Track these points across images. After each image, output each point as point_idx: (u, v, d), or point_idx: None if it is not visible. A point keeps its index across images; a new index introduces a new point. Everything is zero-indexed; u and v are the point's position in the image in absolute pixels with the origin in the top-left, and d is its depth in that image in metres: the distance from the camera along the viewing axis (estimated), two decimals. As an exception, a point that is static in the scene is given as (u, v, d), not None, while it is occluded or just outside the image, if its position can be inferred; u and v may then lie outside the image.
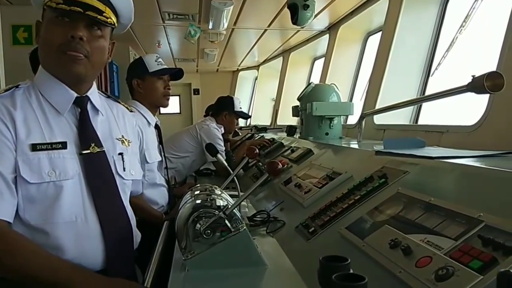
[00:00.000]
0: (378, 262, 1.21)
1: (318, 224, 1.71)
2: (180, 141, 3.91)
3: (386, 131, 3.45)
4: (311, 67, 6.65)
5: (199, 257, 1.47)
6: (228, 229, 1.49)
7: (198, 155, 3.89)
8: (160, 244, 2.07)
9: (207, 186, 1.80)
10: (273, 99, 7.71)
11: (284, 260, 1.59)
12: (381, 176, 1.76)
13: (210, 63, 7.74)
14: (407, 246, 1.14)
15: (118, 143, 1.67)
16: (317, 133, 3.40)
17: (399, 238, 1.21)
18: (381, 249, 1.24)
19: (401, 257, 1.15)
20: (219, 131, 3.92)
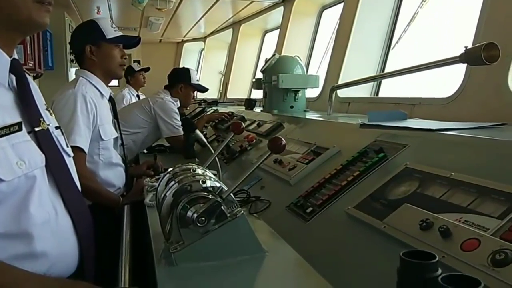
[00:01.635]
0: (410, 245, 1.07)
1: (315, 203, 1.57)
2: (130, 116, 3.49)
3: (351, 104, 3.35)
4: (262, 40, 6.45)
5: (190, 248, 1.28)
6: (224, 214, 1.30)
7: (152, 131, 3.54)
8: (127, 233, 1.86)
9: (190, 165, 1.59)
10: (221, 72, 7.46)
11: (283, 244, 1.43)
12: (377, 151, 1.63)
13: (154, 33, 7.30)
14: (446, 228, 1.01)
15: (48, 113, 1.34)
16: (281, 106, 3.25)
17: (431, 219, 1.08)
18: (410, 231, 1.11)
19: (439, 239, 1.02)
20: (175, 104, 3.57)
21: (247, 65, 6.38)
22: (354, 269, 1.19)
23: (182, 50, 9.17)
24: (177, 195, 1.33)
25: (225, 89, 6.61)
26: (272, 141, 1.38)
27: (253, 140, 2.75)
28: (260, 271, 1.30)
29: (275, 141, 1.37)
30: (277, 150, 1.38)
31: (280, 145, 1.37)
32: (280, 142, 1.36)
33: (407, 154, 1.52)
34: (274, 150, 1.37)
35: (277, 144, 1.37)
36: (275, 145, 1.37)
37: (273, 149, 1.37)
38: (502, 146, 1.30)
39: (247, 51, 6.50)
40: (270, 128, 2.78)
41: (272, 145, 1.37)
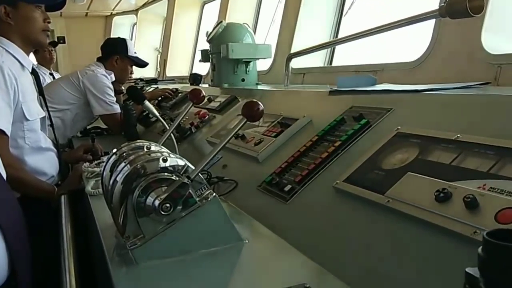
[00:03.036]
0: (428, 222, 0.89)
1: (293, 180, 1.36)
2: (56, 90, 3.07)
3: (306, 75, 3.17)
4: (201, 12, 6.10)
5: (153, 242, 1.04)
6: (193, 199, 1.07)
7: (82, 109, 3.11)
8: (67, 228, 1.58)
9: (141, 142, 1.33)
10: (157, 49, 7.03)
11: (262, 229, 1.22)
12: (357, 117, 1.45)
13: (79, 4, 6.63)
14: (473, 198, 0.83)
15: None
16: (232, 80, 3.00)
17: (448, 188, 0.90)
18: (423, 203, 0.92)
19: (464, 212, 0.84)
20: (108, 78, 3.16)
21: (186, 40, 6.03)
22: (356, 253, 1.00)
23: (111, 24, 8.43)
24: (130, 179, 1.08)
25: (163, 66, 6.23)
26: (247, 106, 1.15)
27: (205, 116, 2.51)
28: (241, 263, 1.08)
29: (251, 106, 1.14)
30: (253, 117, 1.15)
31: (258, 110, 1.14)
32: (257, 106, 1.14)
33: (394, 119, 1.35)
34: (250, 116, 1.14)
35: (254, 110, 1.14)
36: (251, 110, 1.14)
37: (248, 115, 1.14)
38: (507, 102, 1.15)
39: (185, 24, 6.13)
40: (224, 102, 2.54)
41: (247, 111, 1.14)
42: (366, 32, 2.02)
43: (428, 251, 0.87)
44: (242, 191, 1.55)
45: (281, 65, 3.35)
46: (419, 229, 0.91)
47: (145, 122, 3.24)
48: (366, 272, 0.94)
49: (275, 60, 3.44)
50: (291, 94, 2.27)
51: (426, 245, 0.88)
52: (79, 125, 3.23)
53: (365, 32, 2.01)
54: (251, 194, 1.48)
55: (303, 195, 1.29)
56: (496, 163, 0.91)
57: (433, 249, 0.87)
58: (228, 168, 1.75)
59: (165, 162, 1.09)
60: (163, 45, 6.59)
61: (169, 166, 1.10)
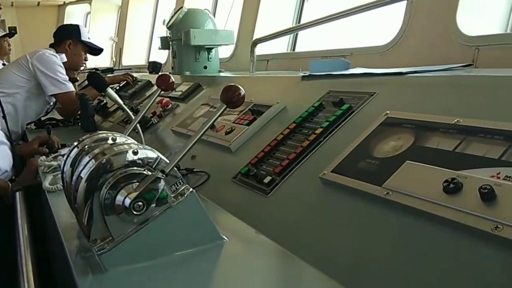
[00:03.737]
0: (437, 216, 0.80)
1: (272, 171, 1.25)
2: (5, 74, 2.92)
3: (270, 61, 3.06)
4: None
5: (124, 245, 0.91)
6: (168, 195, 0.95)
7: (32, 92, 2.92)
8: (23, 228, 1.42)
9: (105, 134, 1.19)
10: (112, 39, 6.76)
11: (242, 226, 1.10)
12: (337, 103, 1.35)
13: None
14: (490, 189, 0.75)
15: None
16: (194, 67, 2.87)
17: (458, 178, 0.82)
18: (429, 195, 0.83)
19: (479, 204, 0.75)
20: (58, 58, 2.96)
21: (142, 28, 5.80)
22: (352, 251, 0.91)
23: (64, 14, 8.14)
24: (96, 175, 0.94)
25: (119, 55, 5.98)
26: (228, 91, 1.02)
27: (168, 105, 2.36)
28: (222, 265, 0.97)
29: (231, 90, 1.02)
30: (234, 103, 1.02)
31: (240, 95, 1.02)
32: (238, 91, 1.01)
33: (380, 103, 1.26)
34: (231, 103, 1.02)
35: (235, 95, 1.01)
36: (233, 96, 1.01)
37: (229, 101, 1.02)
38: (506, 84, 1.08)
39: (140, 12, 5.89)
40: (187, 90, 2.40)
41: (228, 97, 1.02)
42: (335, 16, 1.94)
43: (439, 249, 0.78)
44: (215, 183, 1.43)
45: (243, 51, 3.24)
46: (427, 224, 0.82)
47: (103, 112, 3.05)
48: (365, 274, 0.85)
49: (238, 47, 3.32)
50: (260, 80, 2.16)
51: (436, 242, 0.79)
52: (32, 110, 3.03)
53: (334, 16, 1.93)
54: (225, 187, 1.36)
55: (285, 187, 1.18)
56: (508, 149, 0.83)
57: (445, 246, 0.78)
58: (198, 159, 1.63)
59: (135, 154, 0.96)
60: (118, 33, 6.34)
61: (139, 159, 0.97)
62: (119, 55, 6.04)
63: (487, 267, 0.71)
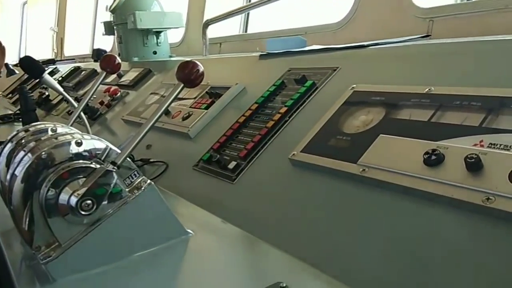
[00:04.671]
0: (420, 191, 0.74)
1: (237, 155, 1.17)
2: None
3: (222, 44, 2.95)
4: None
5: (73, 251, 0.80)
6: (121, 190, 0.84)
7: None
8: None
9: (43, 124, 1.07)
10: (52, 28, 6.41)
11: (207, 217, 1.01)
12: (299, 80, 1.28)
13: None
14: (476, 158, 0.68)
15: None
16: (142, 53, 2.72)
17: (439, 149, 0.76)
18: (410, 170, 0.77)
19: (464, 175, 0.70)
20: None
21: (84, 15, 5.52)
22: (332, 235, 0.84)
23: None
24: (35, 172, 0.82)
25: (61, 46, 5.68)
26: (184, 67, 0.91)
27: (117, 93, 2.22)
28: (190, 262, 0.87)
29: (188, 67, 0.91)
30: (193, 81, 0.92)
31: (198, 72, 0.91)
32: (196, 67, 0.91)
33: (344, 77, 1.19)
34: (189, 81, 0.92)
35: (193, 72, 0.91)
36: (190, 73, 0.91)
37: (186, 79, 0.91)
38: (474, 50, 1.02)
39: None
40: (137, 76, 2.26)
41: (184, 74, 0.91)
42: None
43: (425, 226, 0.72)
44: (175, 173, 1.33)
45: (194, 35, 3.12)
46: (409, 200, 0.76)
47: (45, 105, 2.86)
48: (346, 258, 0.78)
49: (188, 30, 3.18)
50: (216, 61, 2.05)
51: (421, 218, 0.73)
52: None
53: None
54: (186, 176, 1.26)
55: (252, 172, 1.10)
56: (488, 116, 0.77)
57: (431, 222, 0.72)
58: (153, 148, 1.52)
59: (79, 146, 0.85)
60: (59, 23, 6.01)
61: (85, 151, 0.86)
62: (60, 46, 5.73)
63: (480, 243, 0.65)
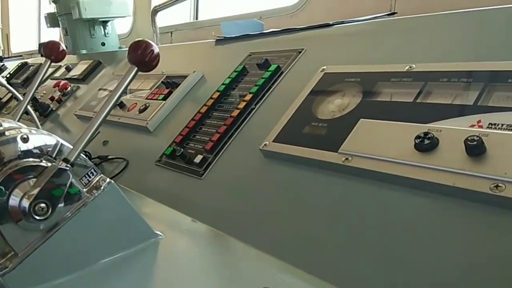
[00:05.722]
0: (414, 179, 0.68)
1: (203, 148, 1.08)
2: None
3: (173, 33, 2.84)
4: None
5: (31, 260, 0.71)
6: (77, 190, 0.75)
7: None
8: None
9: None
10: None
11: (176, 216, 0.93)
12: (262, 64, 1.21)
13: None
14: (479, 140, 0.63)
15: None
16: (90, 45, 2.58)
17: (432, 132, 0.70)
18: (400, 157, 0.71)
19: (467, 160, 0.63)
20: None
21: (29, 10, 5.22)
22: (312, 232, 0.77)
23: None
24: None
25: (7, 43, 5.36)
26: (136, 48, 0.81)
27: (67, 87, 2.07)
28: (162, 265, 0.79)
29: (141, 47, 0.80)
30: (147, 63, 0.82)
31: (152, 53, 0.81)
32: (150, 47, 0.81)
33: (311, 59, 1.12)
34: (143, 63, 0.81)
35: (146, 53, 0.81)
36: (144, 54, 0.81)
37: (139, 61, 0.81)
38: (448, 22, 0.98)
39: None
40: (87, 69, 2.12)
41: (137, 56, 0.81)
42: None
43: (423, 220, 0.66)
44: (136, 170, 1.23)
45: (143, 24, 2.99)
46: (401, 191, 0.70)
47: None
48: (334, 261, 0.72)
49: (136, 19, 3.04)
50: (169, 49, 1.95)
51: (417, 210, 0.67)
52: None
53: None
54: (149, 173, 1.17)
55: (221, 165, 1.02)
56: (483, 92, 0.73)
57: (431, 215, 0.66)
58: (111, 144, 1.41)
59: (25, 141, 0.75)
60: (2, 19, 5.67)
61: (34, 147, 0.76)
62: (6, 42, 5.42)
63: (491, 236, 0.59)
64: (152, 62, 0.81)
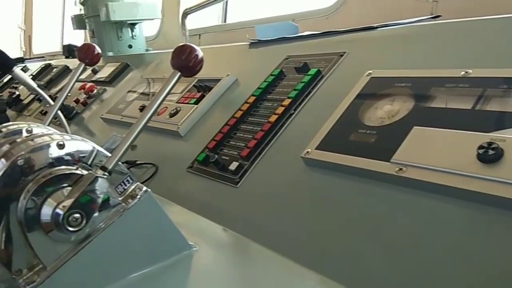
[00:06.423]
0: (479, 193, 0.62)
1: (238, 154, 1.03)
2: None
3: (202, 36, 2.81)
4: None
5: (61, 274, 0.66)
6: (113, 199, 0.71)
7: None
8: None
9: (16, 124, 0.92)
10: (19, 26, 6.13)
11: (211, 226, 0.88)
12: (301, 68, 1.15)
13: None
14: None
15: None
16: (117, 47, 2.56)
17: (494, 141, 0.64)
18: (462, 168, 0.65)
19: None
20: None
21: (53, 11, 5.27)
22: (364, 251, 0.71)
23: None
24: (10, 181, 0.68)
25: (29, 44, 5.43)
26: (180, 52, 0.77)
27: (93, 90, 2.05)
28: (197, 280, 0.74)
29: (185, 51, 0.77)
30: (191, 68, 0.78)
31: (197, 58, 0.78)
32: (194, 52, 0.77)
33: (354, 63, 1.07)
34: (186, 68, 0.78)
35: (191, 57, 0.77)
36: (188, 58, 0.77)
37: (183, 67, 0.78)
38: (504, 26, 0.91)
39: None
40: (114, 71, 2.10)
41: (181, 61, 0.77)
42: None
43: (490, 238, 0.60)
44: (166, 176, 1.19)
45: (171, 27, 2.97)
46: (465, 206, 0.63)
47: (16, 105, 2.66)
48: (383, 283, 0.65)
49: (164, 22, 3.02)
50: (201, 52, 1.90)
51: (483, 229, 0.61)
52: None
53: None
54: (180, 179, 1.12)
55: (257, 173, 0.97)
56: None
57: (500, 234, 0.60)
58: (139, 149, 1.37)
59: (61, 148, 0.70)
60: (26, 20, 5.74)
61: (67, 154, 0.71)
62: (28, 44, 5.48)
63: None
64: (196, 67, 0.77)
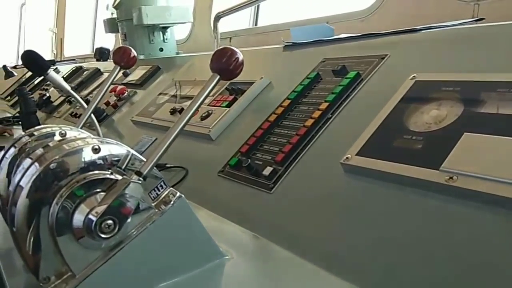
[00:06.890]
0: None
1: (272, 159, 0.99)
2: None
3: (233, 39, 2.79)
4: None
5: (90, 283, 0.64)
6: (146, 205, 0.68)
7: None
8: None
9: (50, 127, 0.90)
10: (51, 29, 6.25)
11: (244, 235, 0.85)
12: (339, 71, 1.11)
13: None
14: None
15: None
16: (149, 50, 2.57)
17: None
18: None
19: None
20: None
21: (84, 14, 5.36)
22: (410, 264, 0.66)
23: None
24: (43, 185, 0.66)
25: (60, 47, 5.52)
26: (221, 55, 0.75)
27: (124, 93, 2.05)
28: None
29: (225, 54, 0.74)
30: (230, 72, 0.75)
31: (237, 61, 0.75)
32: (235, 55, 0.74)
33: (397, 66, 1.02)
34: (226, 71, 0.75)
35: (231, 60, 0.74)
36: (228, 61, 0.74)
37: (222, 70, 0.75)
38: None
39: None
40: (145, 74, 2.09)
41: (221, 63, 0.74)
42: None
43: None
44: (197, 180, 1.16)
45: (202, 30, 2.97)
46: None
47: (46, 107, 2.69)
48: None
49: (195, 25, 3.02)
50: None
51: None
52: None
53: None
54: (211, 184, 1.09)
55: (293, 179, 0.93)
56: None
57: None
58: (169, 152, 1.33)
59: (96, 152, 0.68)
60: (58, 23, 5.85)
61: (99, 158, 0.69)
62: (60, 47, 5.57)
63: None
64: (236, 70, 0.75)
